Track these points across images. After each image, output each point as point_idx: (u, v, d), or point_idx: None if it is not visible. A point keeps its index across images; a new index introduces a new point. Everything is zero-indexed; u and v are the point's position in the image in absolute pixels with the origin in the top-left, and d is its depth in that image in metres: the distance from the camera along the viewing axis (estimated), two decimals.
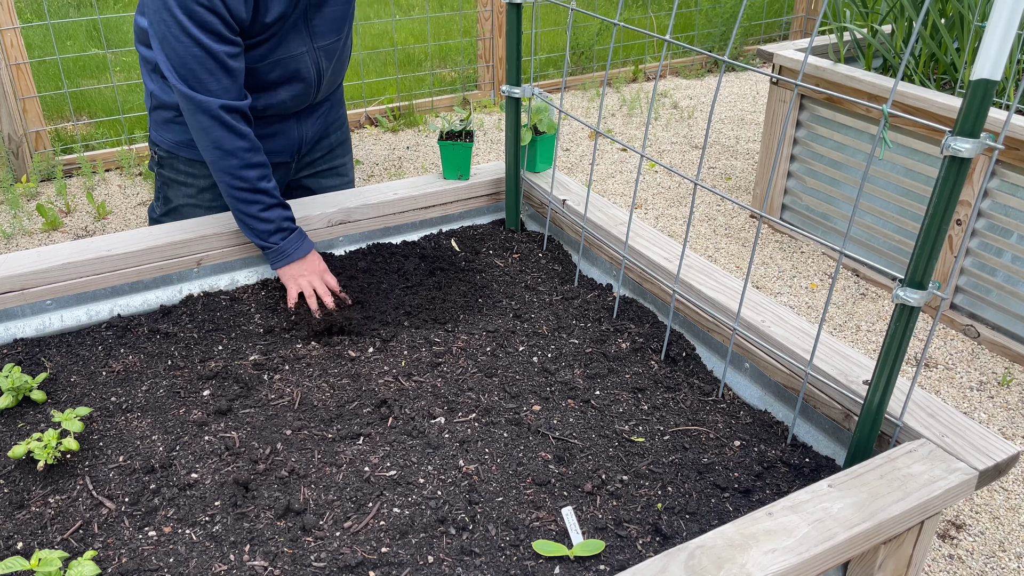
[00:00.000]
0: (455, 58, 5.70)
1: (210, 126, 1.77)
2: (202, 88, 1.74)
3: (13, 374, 1.55)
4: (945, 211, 1.12)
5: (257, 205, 1.83)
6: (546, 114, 2.17)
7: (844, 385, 1.43)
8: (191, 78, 1.73)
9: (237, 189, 1.82)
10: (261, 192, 1.83)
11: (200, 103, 1.75)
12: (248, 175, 1.82)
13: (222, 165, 1.80)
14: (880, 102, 3.01)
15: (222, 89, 1.76)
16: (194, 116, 1.77)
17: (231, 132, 1.79)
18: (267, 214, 1.85)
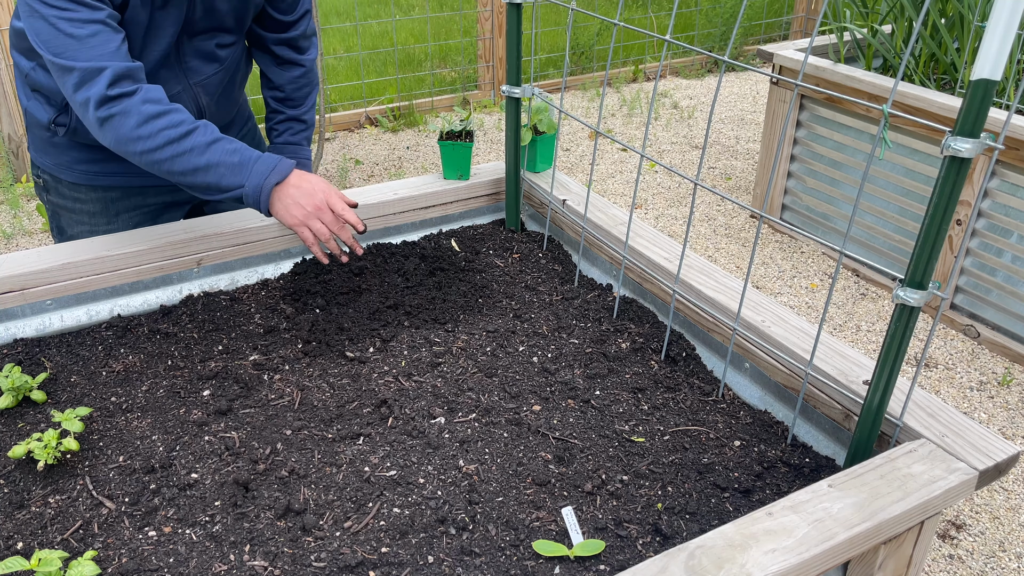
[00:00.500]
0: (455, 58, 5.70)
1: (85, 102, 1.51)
2: (85, 55, 1.49)
3: (13, 374, 1.55)
4: (945, 211, 1.12)
5: (191, 155, 1.53)
6: (546, 114, 2.17)
7: (844, 385, 1.43)
8: (70, 46, 1.49)
9: (156, 150, 1.52)
10: (184, 136, 1.53)
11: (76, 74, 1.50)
12: (156, 127, 1.51)
13: (123, 133, 1.53)
14: (880, 102, 3.01)
15: (109, 53, 1.51)
16: (74, 96, 1.53)
17: (121, 100, 1.52)
18: (206, 157, 1.54)
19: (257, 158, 1.58)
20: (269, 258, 1.99)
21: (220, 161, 1.54)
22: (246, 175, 1.55)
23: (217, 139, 1.56)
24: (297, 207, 1.56)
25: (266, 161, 1.58)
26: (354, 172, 4.27)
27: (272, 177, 1.56)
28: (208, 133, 1.56)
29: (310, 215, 1.57)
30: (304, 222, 1.57)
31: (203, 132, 1.56)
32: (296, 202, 1.56)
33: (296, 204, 1.56)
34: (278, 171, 1.58)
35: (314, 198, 1.57)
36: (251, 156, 1.57)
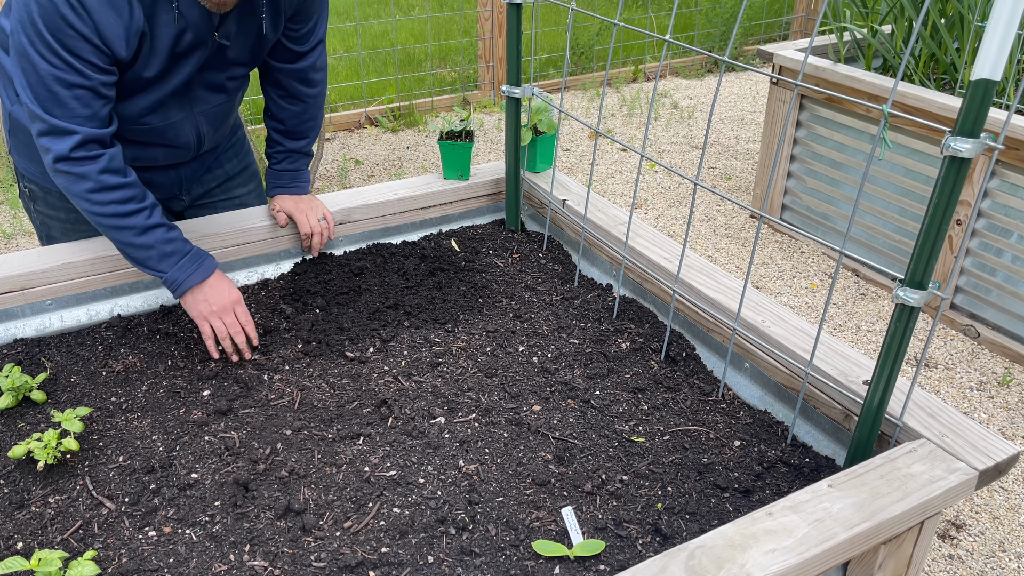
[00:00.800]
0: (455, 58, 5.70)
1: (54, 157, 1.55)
2: (61, 114, 1.51)
3: (13, 374, 1.55)
4: (945, 211, 1.12)
5: (128, 231, 1.62)
6: (546, 114, 2.17)
7: (844, 385, 1.43)
8: (49, 100, 1.50)
9: (100, 216, 1.60)
10: (128, 215, 1.61)
11: (52, 130, 1.52)
12: (106, 198, 1.58)
13: (74, 190, 1.58)
14: (880, 102, 3.01)
15: (84, 117, 1.53)
16: (38, 139, 1.55)
17: (83, 163, 1.56)
18: (142, 239, 1.63)
19: (186, 253, 1.68)
20: (269, 258, 1.99)
21: (153, 245, 1.65)
22: (170, 266, 1.67)
23: (158, 225, 1.65)
24: (205, 304, 1.69)
25: (193, 259, 1.69)
26: (354, 172, 4.27)
27: (194, 277, 1.69)
28: (152, 216, 1.65)
29: (213, 313, 1.68)
30: (206, 317, 1.68)
31: (147, 215, 1.64)
32: (205, 299, 1.69)
33: (204, 301, 1.69)
34: (200, 272, 1.70)
35: (221, 300, 1.70)
36: (182, 250, 1.68)
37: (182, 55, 1.63)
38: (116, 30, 1.48)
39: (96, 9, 1.45)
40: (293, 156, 1.97)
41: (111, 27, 1.47)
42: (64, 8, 1.43)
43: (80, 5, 1.43)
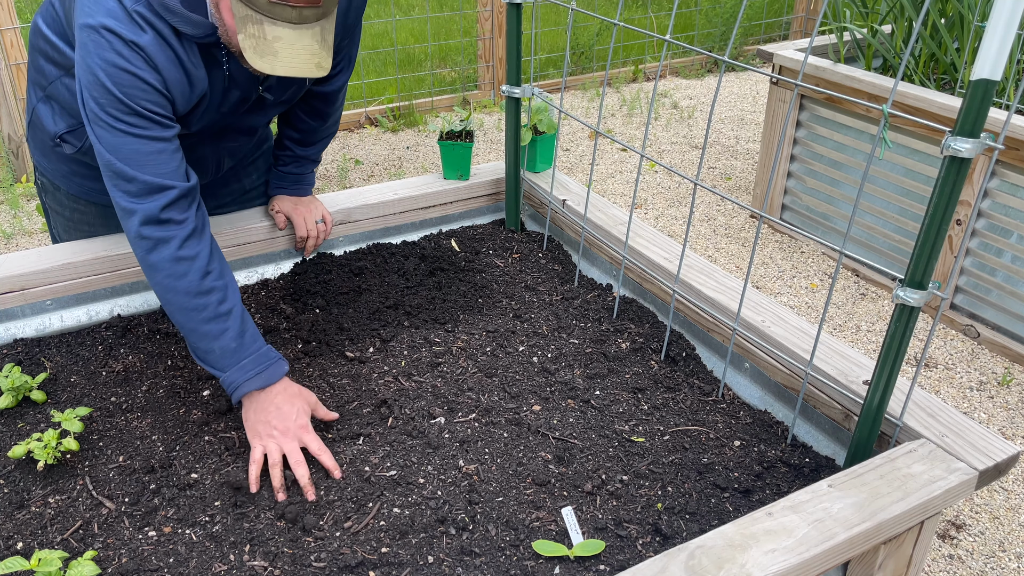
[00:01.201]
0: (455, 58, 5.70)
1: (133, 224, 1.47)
2: (152, 171, 1.45)
3: (13, 374, 1.55)
4: (945, 211, 1.12)
5: (198, 313, 1.47)
6: (546, 114, 2.17)
7: (844, 385, 1.43)
8: (134, 160, 1.44)
9: (172, 291, 1.47)
10: (205, 293, 1.47)
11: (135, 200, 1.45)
12: (185, 270, 1.46)
13: (151, 260, 1.47)
14: (880, 102, 3.01)
15: (173, 171, 1.48)
16: (125, 202, 1.47)
17: (170, 227, 1.47)
18: (210, 327, 1.47)
19: (254, 352, 1.48)
20: (269, 258, 1.99)
21: (221, 335, 1.47)
22: (232, 364, 1.47)
23: (232, 311, 1.48)
24: (265, 425, 1.44)
25: (259, 359, 1.48)
26: (354, 172, 4.27)
27: (255, 381, 1.46)
28: (228, 300, 1.49)
29: (271, 436, 1.43)
30: (261, 438, 1.44)
31: (223, 297, 1.49)
32: (267, 420, 1.44)
33: (266, 423, 1.44)
34: (265, 376, 1.47)
35: (285, 422, 1.44)
36: (250, 348, 1.48)
37: (228, 112, 1.64)
38: (182, 88, 1.48)
39: (166, 67, 1.44)
40: (301, 161, 1.97)
41: (178, 84, 1.47)
42: (136, 62, 1.40)
43: (150, 59, 1.42)
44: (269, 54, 1.37)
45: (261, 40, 1.36)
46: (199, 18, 1.45)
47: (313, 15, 1.38)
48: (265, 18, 1.35)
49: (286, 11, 1.35)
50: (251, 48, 1.36)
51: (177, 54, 1.46)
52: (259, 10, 1.34)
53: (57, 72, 1.64)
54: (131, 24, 1.39)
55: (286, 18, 1.36)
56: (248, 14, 1.35)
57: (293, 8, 1.35)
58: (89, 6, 1.40)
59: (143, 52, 1.41)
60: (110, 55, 1.39)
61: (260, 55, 1.37)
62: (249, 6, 1.34)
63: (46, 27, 1.64)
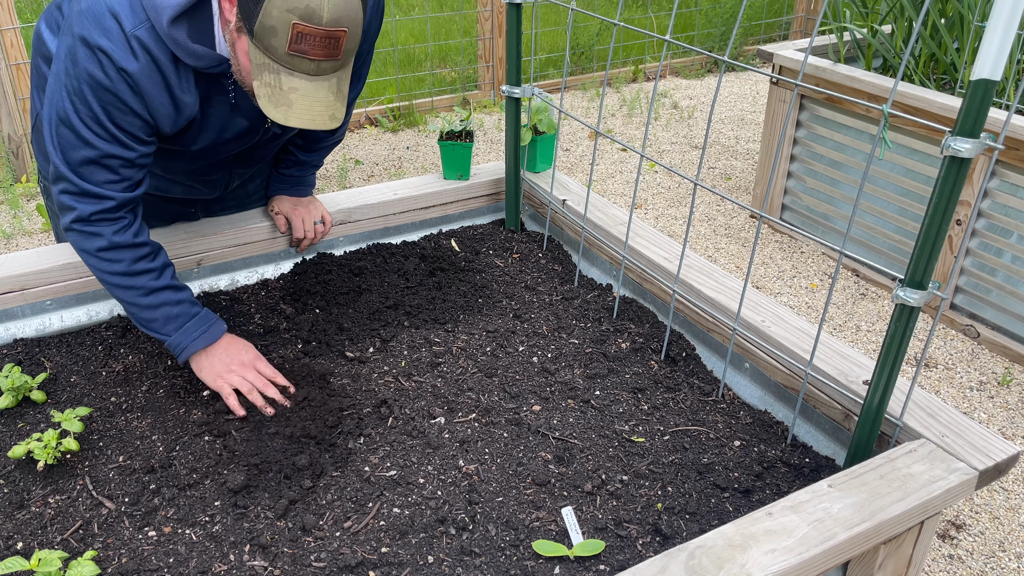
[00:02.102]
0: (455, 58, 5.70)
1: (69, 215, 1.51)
2: (96, 180, 1.48)
3: (13, 374, 1.55)
4: (945, 211, 1.12)
5: (134, 291, 1.54)
6: (546, 114, 2.17)
7: (844, 385, 1.43)
8: (84, 166, 1.47)
9: (106, 273, 1.54)
10: (136, 274, 1.54)
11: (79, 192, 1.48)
12: (116, 256, 1.52)
13: (84, 246, 1.53)
14: (880, 102, 3.01)
15: (120, 185, 1.51)
16: (59, 196, 1.51)
17: (101, 224, 1.52)
18: (147, 300, 1.55)
19: (192, 316, 1.57)
20: (269, 258, 1.99)
21: (158, 306, 1.56)
22: (174, 329, 1.56)
23: (165, 287, 1.57)
24: (221, 364, 1.56)
25: (200, 322, 1.58)
26: (354, 172, 4.27)
27: (198, 342, 1.56)
28: (161, 277, 1.57)
29: (232, 371, 1.55)
30: (221, 376, 1.55)
31: (156, 275, 1.56)
32: (220, 360, 1.56)
33: (220, 362, 1.56)
34: (206, 336, 1.57)
35: (239, 357, 1.57)
36: (187, 312, 1.57)
37: (231, 139, 1.64)
38: (167, 111, 1.48)
39: (152, 93, 1.44)
40: (303, 165, 1.97)
41: (162, 107, 1.47)
42: (120, 85, 1.41)
43: (136, 85, 1.42)
44: (284, 104, 1.35)
45: (277, 90, 1.35)
46: (204, 50, 1.44)
47: (331, 67, 1.36)
48: (283, 69, 1.34)
49: (304, 63, 1.33)
50: (265, 97, 1.35)
51: (167, 80, 1.44)
52: (277, 60, 1.33)
53: None
54: (125, 50, 1.39)
55: (304, 70, 1.34)
56: (265, 62, 1.34)
57: (312, 61, 1.33)
58: (88, 18, 1.39)
59: (130, 79, 1.41)
60: (98, 73, 1.39)
61: (275, 105, 1.36)
62: (267, 55, 1.33)
63: (48, 33, 1.63)
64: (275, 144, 1.80)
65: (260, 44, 1.32)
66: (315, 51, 1.32)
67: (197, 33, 1.43)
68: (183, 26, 1.41)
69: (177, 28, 1.40)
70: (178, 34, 1.40)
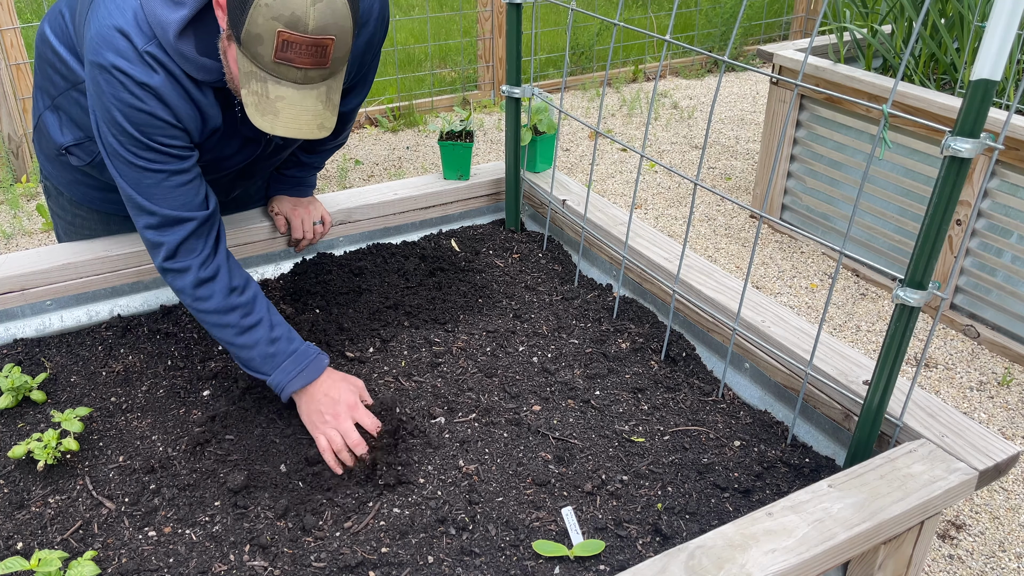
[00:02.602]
0: (455, 58, 5.70)
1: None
2: (172, 204, 1.49)
3: (13, 374, 1.55)
4: (945, 211, 1.12)
5: (229, 330, 1.52)
6: (546, 114, 2.17)
7: (844, 385, 1.43)
8: (154, 192, 1.48)
9: (199, 312, 1.53)
10: (228, 311, 1.52)
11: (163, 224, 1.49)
12: (206, 293, 1.51)
13: (178, 285, 1.53)
14: (880, 102, 3.01)
15: (195, 203, 1.52)
16: (145, 232, 1.51)
17: (188, 257, 1.52)
18: (242, 339, 1.52)
19: (290, 353, 1.53)
20: (269, 258, 1.99)
21: (254, 345, 1.52)
22: (273, 367, 1.52)
23: (259, 322, 1.54)
24: (318, 415, 1.50)
25: (297, 360, 1.53)
26: (354, 172, 4.27)
27: (297, 381, 1.52)
28: (255, 313, 1.54)
29: (327, 422, 1.49)
30: (320, 428, 1.49)
31: (248, 310, 1.53)
32: (319, 410, 1.50)
33: (318, 412, 1.50)
34: (306, 374, 1.52)
35: (335, 408, 1.50)
36: (285, 351, 1.53)
37: (236, 150, 1.63)
38: (195, 124, 1.48)
39: (179, 105, 1.44)
40: (304, 167, 1.96)
41: (190, 119, 1.47)
42: (149, 102, 1.40)
43: (162, 97, 1.42)
44: (270, 113, 1.35)
45: (263, 98, 1.34)
46: (212, 63, 1.44)
47: (319, 76, 1.35)
48: (269, 77, 1.33)
49: (291, 71, 1.32)
50: (253, 105, 1.35)
51: (189, 92, 1.45)
52: (264, 68, 1.32)
53: (65, 84, 1.63)
54: (142, 65, 1.39)
55: (290, 78, 1.33)
56: (252, 70, 1.33)
57: (298, 69, 1.32)
58: (100, 43, 1.38)
59: (155, 92, 1.40)
60: (124, 95, 1.39)
61: (261, 113, 1.35)
62: (254, 62, 1.32)
63: (54, 37, 1.62)
64: (277, 159, 1.80)
65: (247, 52, 1.31)
66: (301, 59, 1.31)
67: (204, 46, 1.43)
68: (190, 39, 1.41)
69: (184, 42, 1.40)
70: (186, 48, 1.40)
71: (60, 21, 1.61)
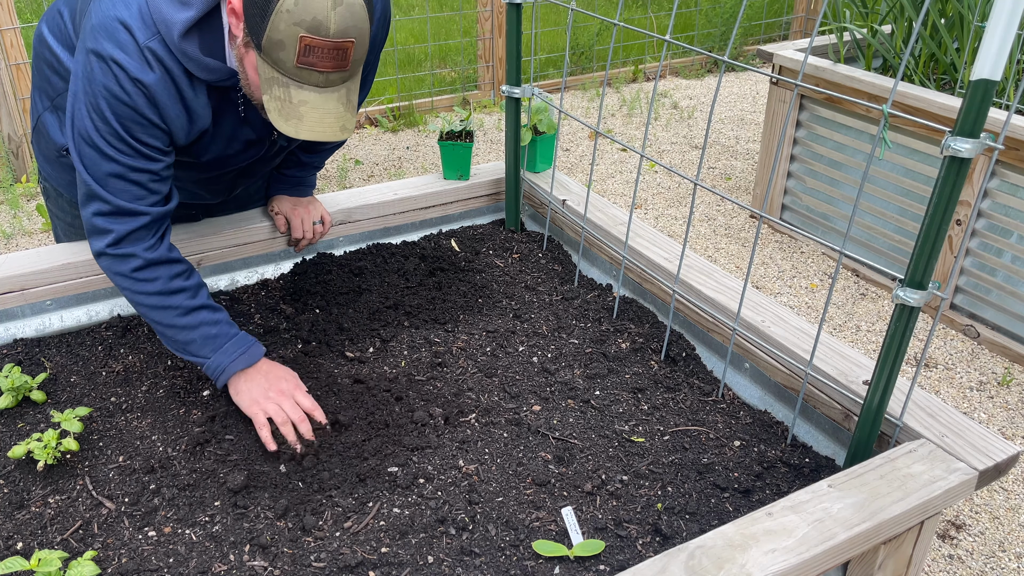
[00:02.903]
0: (455, 58, 5.70)
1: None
2: (129, 196, 1.48)
3: (13, 374, 1.55)
4: (945, 211, 1.12)
5: (171, 311, 1.52)
6: (546, 114, 2.17)
7: (844, 385, 1.43)
8: (114, 184, 1.47)
9: (142, 295, 1.52)
10: (173, 293, 1.52)
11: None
12: (152, 275, 1.51)
13: (117, 269, 1.51)
14: (880, 102, 3.01)
15: (151, 199, 1.50)
16: (94, 219, 1.49)
17: (135, 244, 1.51)
18: (185, 320, 1.52)
19: (231, 337, 1.54)
20: (269, 258, 1.99)
21: (196, 327, 1.53)
22: (214, 349, 1.53)
23: (203, 305, 1.54)
24: (259, 389, 1.51)
25: (239, 343, 1.54)
26: (354, 172, 4.27)
27: (238, 363, 1.52)
28: (197, 297, 1.55)
29: (269, 399, 1.50)
30: (259, 403, 1.49)
31: (192, 295, 1.54)
32: (259, 385, 1.52)
33: (258, 387, 1.52)
34: (246, 358, 1.53)
35: (279, 385, 1.52)
36: (227, 333, 1.54)
37: (239, 150, 1.63)
38: (181, 123, 1.48)
39: (168, 105, 1.44)
40: (304, 166, 1.96)
41: (177, 119, 1.47)
42: (138, 99, 1.40)
43: (152, 96, 1.41)
44: (294, 118, 1.35)
45: (286, 103, 1.34)
46: (216, 63, 1.44)
47: (340, 79, 1.36)
48: (292, 82, 1.33)
49: (313, 75, 1.33)
50: (275, 111, 1.35)
51: (182, 92, 1.45)
52: (286, 73, 1.33)
53: (64, 85, 1.63)
54: (140, 61, 1.39)
55: (313, 82, 1.34)
56: (274, 76, 1.33)
57: (320, 73, 1.33)
58: (100, 32, 1.38)
59: (147, 90, 1.40)
60: (114, 87, 1.39)
61: (285, 118, 1.35)
62: (276, 68, 1.33)
63: (52, 38, 1.62)
64: (279, 157, 1.81)
65: (268, 58, 1.32)
66: (323, 63, 1.32)
67: (208, 46, 1.43)
68: (195, 39, 1.41)
69: (188, 42, 1.40)
70: (190, 48, 1.40)
71: (58, 21, 1.61)
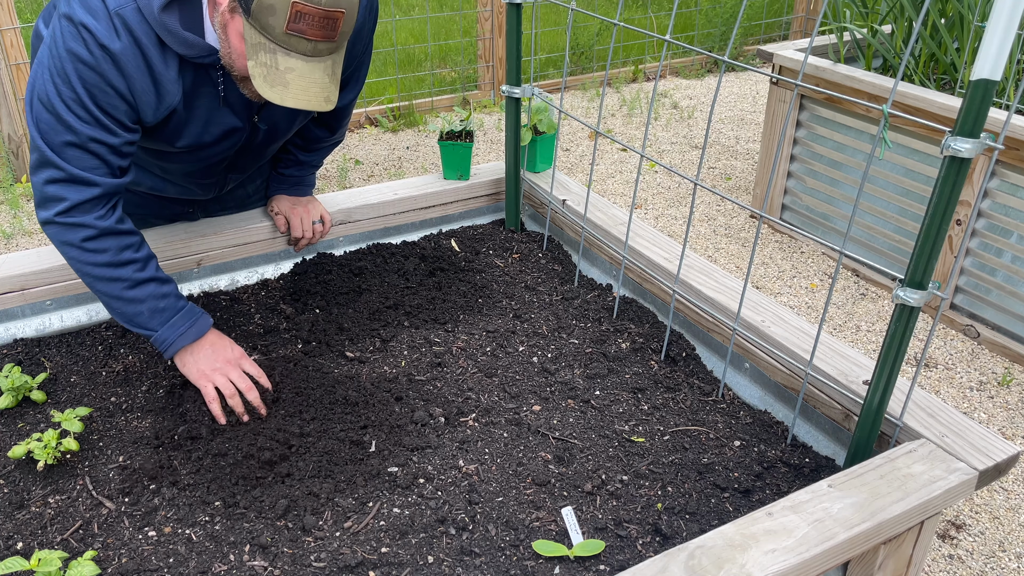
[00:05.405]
0: (455, 58, 5.70)
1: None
2: (82, 165, 1.45)
3: (13, 374, 1.55)
4: (945, 211, 1.12)
5: (119, 283, 1.50)
6: (546, 114, 2.17)
7: (844, 385, 1.43)
8: (70, 151, 1.44)
9: (90, 265, 1.49)
10: (122, 264, 1.50)
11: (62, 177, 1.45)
12: (101, 246, 1.49)
13: (66, 238, 1.49)
14: (880, 102, 3.01)
15: (106, 170, 1.48)
16: (45, 186, 1.46)
17: (85, 214, 1.48)
18: (133, 293, 1.51)
19: (178, 310, 1.54)
20: (269, 258, 1.99)
21: (144, 300, 1.52)
22: (162, 323, 1.53)
23: (151, 279, 1.53)
24: (205, 361, 1.53)
25: (187, 316, 1.55)
26: (354, 172, 4.27)
27: (186, 336, 1.53)
28: (146, 269, 1.53)
29: (216, 370, 1.51)
30: (207, 376, 1.51)
31: (140, 267, 1.52)
32: (206, 357, 1.53)
33: (205, 359, 1.53)
34: (194, 330, 1.54)
35: (224, 354, 1.54)
36: (175, 306, 1.54)
37: (219, 137, 1.61)
38: (149, 97, 1.46)
39: (135, 76, 1.42)
40: (303, 166, 1.96)
41: (144, 93, 1.45)
42: (103, 64, 1.39)
43: (118, 64, 1.40)
44: (280, 84, 1.35)
45: (273, 69, 1.34)
46: (195, 38, 1.43)
47: (327, 49, 1.37)
48: (279, 48, 1.34)
49: (302, 43, 1.33)
50: (261, 76, 1.35)
51: (150, 64, 1.43)
52: (274, 39, 1.33)
53: None
54: (108, 27, 1.38)
55: (300, 50, 1.34)
56: (261, 42, 1.34)
57: (309, 41, 1.34)
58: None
59: (113, 57, 1.39)
60: (82, 51, 1.38)
61: (270, 85, 1.35)
62: (264, 34, 1.33)
63: (42, 26, 1.61)
64: (266, 150, 1.79)
65: (257, 23, 1.32)
66: (313, 31, 1.33)
67: (188, 21, 1.43)
68: (174, 13, 1.41)
69: (169, 15, 1.40)
70: (170, 21, 1.40)
71: (52, 15, 1.61)
